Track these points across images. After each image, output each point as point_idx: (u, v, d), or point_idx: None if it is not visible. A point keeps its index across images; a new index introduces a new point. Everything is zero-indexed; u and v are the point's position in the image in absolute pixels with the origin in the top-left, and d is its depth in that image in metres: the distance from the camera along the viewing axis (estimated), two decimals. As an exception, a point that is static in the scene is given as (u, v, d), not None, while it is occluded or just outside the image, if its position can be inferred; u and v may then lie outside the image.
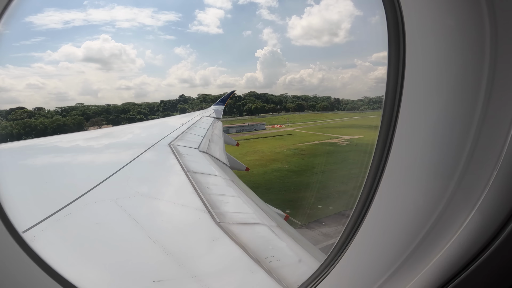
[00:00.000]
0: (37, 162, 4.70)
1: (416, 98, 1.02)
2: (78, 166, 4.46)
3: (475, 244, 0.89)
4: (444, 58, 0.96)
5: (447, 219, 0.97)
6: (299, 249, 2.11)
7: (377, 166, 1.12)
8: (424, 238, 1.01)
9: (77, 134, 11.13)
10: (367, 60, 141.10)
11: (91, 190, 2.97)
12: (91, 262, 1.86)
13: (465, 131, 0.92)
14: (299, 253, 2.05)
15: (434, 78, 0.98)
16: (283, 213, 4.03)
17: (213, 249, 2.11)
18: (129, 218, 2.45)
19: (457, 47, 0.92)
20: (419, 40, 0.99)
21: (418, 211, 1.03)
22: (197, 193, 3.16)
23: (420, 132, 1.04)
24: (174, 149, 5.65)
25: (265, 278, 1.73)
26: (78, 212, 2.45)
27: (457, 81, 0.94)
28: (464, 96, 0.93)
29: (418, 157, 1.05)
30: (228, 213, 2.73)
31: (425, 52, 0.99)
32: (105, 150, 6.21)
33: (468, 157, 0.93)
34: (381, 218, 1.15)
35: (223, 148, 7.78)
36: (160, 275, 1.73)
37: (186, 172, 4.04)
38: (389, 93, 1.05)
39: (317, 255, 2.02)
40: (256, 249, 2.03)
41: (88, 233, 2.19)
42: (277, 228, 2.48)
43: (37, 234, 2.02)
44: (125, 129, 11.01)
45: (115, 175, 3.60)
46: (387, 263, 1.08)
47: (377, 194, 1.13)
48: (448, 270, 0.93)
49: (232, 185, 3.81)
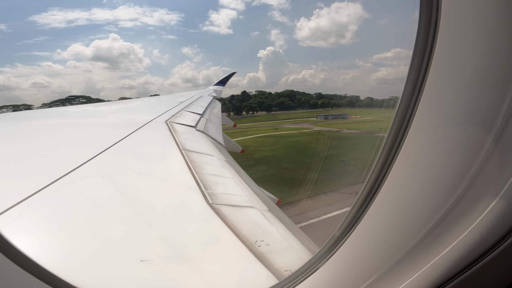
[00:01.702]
0: (28, 134, 4.63)
1: (437, 96, 0.97)
2: (71, 140, 4.40)
3: (478, 247, 0.87)
4: (468, 55, 0.89)
5: (452, 221, 0.94)
6: (289, 235, 2.11)
7: (384, 162, 1.09)
8: (424, 238, 0.99)
9: (72, 108, 10.96)
10: (369, 61, 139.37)
11: (83, 165, 2.92)
12: (76, 239, 1.85)
13: (486, 131, 0.87)
14: (289, 239, 2.05)
15: (457, 74, 0.92)
16: (276, 198, 4.04)
17: (204, 230, 2.10)
18: (120, 194, 2.43)
19: (491, 46, 0.86)
20: (452, 35, 0.91)
21: (421, 211, 1.00)
22: (191, 172, 3.13)
23: (437, 127, 0.99)
24: (170, 126, 5.58)
25: (253, 262, 1.73)
26: (68, 187, 2.42)
27: (483, 81, 0.88)
28: (486, 95, 0.87)
29: (427, 157, 1.01)
30: (221, 194, 2.71)
31: (453, 47, 0.92)
32: (100, 124, 6.12)
33: (485, 158, 0.88)
34: (382, 215, 1.13)
35: (220, 128, 7.71)
36: (148, 255, 1.72)
37: (181, 150, 4.00)
38: (406, 90, 1.00)
39: (307, 243, 2.02)
40: (246, 232, 2.03)
41: (78, 209, 2.17)
42: (268, 213, 2.47)
43: (25, 209, 2.00)
44: (122, 104, 10.85)
45: (109, 150, 3.54)
46: (383, 261, 1.07)
47: (381, 190, 1.10)
48: (446, 272, 0.91)
49: (226, 166, 3.78)
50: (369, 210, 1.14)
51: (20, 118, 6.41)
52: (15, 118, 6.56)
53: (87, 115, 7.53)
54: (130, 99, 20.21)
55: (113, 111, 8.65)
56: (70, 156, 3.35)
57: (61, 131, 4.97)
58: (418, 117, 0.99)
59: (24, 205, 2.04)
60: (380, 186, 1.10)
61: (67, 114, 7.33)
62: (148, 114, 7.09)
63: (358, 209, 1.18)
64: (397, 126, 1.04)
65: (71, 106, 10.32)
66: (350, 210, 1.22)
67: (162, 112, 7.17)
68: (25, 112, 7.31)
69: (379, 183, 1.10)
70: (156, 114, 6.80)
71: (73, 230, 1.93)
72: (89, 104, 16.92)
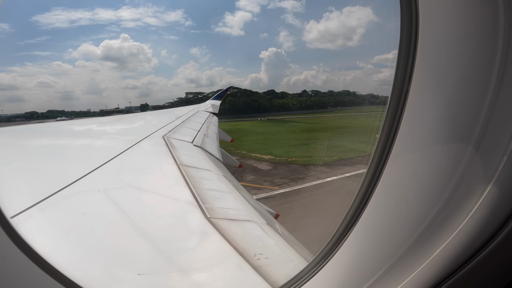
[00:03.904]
0: (27, 147, 4.61)
1: (424, 96, 1.02)
2: (68, 154, 4.39)
3: (472, 243, 0.89)
4: (452, 56, 0.95)
5: (445, 218, 0.97)
6: (288, 248, 2.10)
7: (377, 163, 1.12)
8: (419, 238, 1.01)
9: (69, 122, 10.95)
10: (369, 62, 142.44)
11: (81, 179, 2.91)
12: (75, 253, 1.83)
13: (470, 130, 0.92)
14: (288, 252, 2.04)
15: (441, 74, 0.98)
16: (274, 212, 4.03)
17: (202, 244, 2.09)
18: (118, 209, 2.41)
19: (469, 44, 0.92)
20: (433, 36, 0.98)
21: (415, 210, 1.03)
22: (188, 187, 3.13)
23: (424, 130, 1.04)
24: (167, 141, 5.60)
25: (252, 275, 1.72)
26: (66, 201, 2.41)
27: (464, 79, 0.94)
28: (470, 95, 0.93)
29: (419, 156, 1.05)
30: (219, 208, 2.71)
31: (435, 49, 0.98)
32: (97, 139, 6.12)
33: (470, 157, 0.92)
34: (376, 219, 1.15)
35: (217, 143, 7.74)
36: (146, 268, 1.70)
37: (179, 165, 4.00)
38: (395, 90, 1.05)
39: (306, 255, 2.01)
40: (245, 245, 2.02)
41: (75, 223, 2.15)
42: (266, 226, 2.47)
43: (21, 222, 1.98)
44: (119, 119, 10.88)
45: (106, 165, 3.54)
46: (379, 264, 1.08)
47: (374, 194, 1.13)
48: (444, 269, 0.93)
49: (224, 181, 3.79)
50: (363, 215, 1.16)
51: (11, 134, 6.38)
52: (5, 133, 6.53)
53: (82, 131, 7.53)
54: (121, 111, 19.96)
55: (109, 126, 8.66)
56: (67, 170, 3.34)
57: (57, 146, 4.96)
58: (405, 125, 1.04)
59: (19, 219, 2.02)
60: (373, 190, 1.13)
61: (62, 128, 7.32)
62: (145, 129, 7.13)
63: (352, 215, 1.21)
64: (387, 128, 1.09)
65: (64, 121, 10.31)
66: (345, 216, 1.24)
67: (159, 128, 7.20)
68: (15, 127, 7.30)
69: (372, 188, 1.13)
70: (153, 129, 6.83)
71: (68, 244, 1.91)
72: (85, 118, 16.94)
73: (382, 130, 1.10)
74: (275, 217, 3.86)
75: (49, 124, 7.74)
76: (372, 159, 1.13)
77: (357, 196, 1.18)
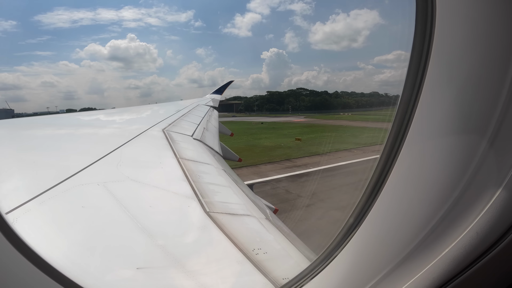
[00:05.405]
0: (24, 140, 4.59)
1: (436, 93, 0.99)
2: (66, 147, 4.37)
3: (482, 243, 0.88)
4: (464, 53, 0.93)
5: (455, 218, 0.95)
6: (286, 243, 2.10)
7: (386, 161, 1.11)
8: (427, 237, 1.00)
9: (68, 115, 10.91)
10: (370, 63, 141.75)
11: (79, 172, 2.90)
12: (73, 247, 1.82)
13: (483, 129, 0.90)
14: (287, 247, 2.04)
15: (454, 71, 0.95)
16: (273, 207, 4.03)
17: (201, 238, 2.09)
18: (117, 202, 2.40)
19: (484, 42, 0.89)
20: (446, 33, 0.95)
21: (421, 213, 1.01)
22: (188, 181, 3.12)
23: (434, 131, 1.02)
24: (167, 135, 5.57)
25: (251, 270, 1.72)
26: (64, 194, 2.40)
27: (477, 76, 0.91)
28: (485, 95, 0.90)
29: (429, 153, 1.03)
30: (218, 202, 2.70)
31: (446, 47, 0.95)
32: (97, 132, 6.10)
33: (483, 155, 0.90)
34: (382, 219, 1.14)
35: (217, 137, 7.72)
36: (145, 263, 1.70)
37: (178, 158, 3.99)
38: (406, 89, 1.02)
39: (305, 251, 2.01)
40: (244, 240, 2.02)
41: (74, 217, 2.15)
42: (265, 221, 2.46)
43: (19, 216, 1.97)
44: (119, 112, 10.84)
45: (105, 158, 3.53)
46: (383, 264, 1.07)
47: (380, 194, 1.11)
48: (452, 269, 0.92)
49: (223, 175, 3.78)
50: (369, 214, 1.15)
51: (14, 126, 6.35)
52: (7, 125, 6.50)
53: (82, 123, 7.50)
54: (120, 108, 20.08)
55: (108, 119, 8.62)
56: (66, 164, 3.33)
57: (56, 139, 4.94)
58: (416, 121, 1.02)
59: (18, 212, 2.01)
60: (380, 190, 1.11)
61: (62, 122, 7.29)
62: (144, 122, 7.09)
63: (359, 213, 1.19)
64: (396, 130, 1.07)
65: (66, 114, 10.27)
66: (350, 215, 1.23)
67: (158, 121, 7.16)
68: (18, 119, 7.26)
69: (379, 187, 1.12)
70: (152, 122, 6.80)
71: (67, 237, 1.90)
72: (84, 112, 16.90)
73: (392, 129, 1.08)
74: (274, 212, 3.86)
75: (43, 117, 7.71)
76: (381, 157, 1.12)
77: (365, 193, 1.17)
